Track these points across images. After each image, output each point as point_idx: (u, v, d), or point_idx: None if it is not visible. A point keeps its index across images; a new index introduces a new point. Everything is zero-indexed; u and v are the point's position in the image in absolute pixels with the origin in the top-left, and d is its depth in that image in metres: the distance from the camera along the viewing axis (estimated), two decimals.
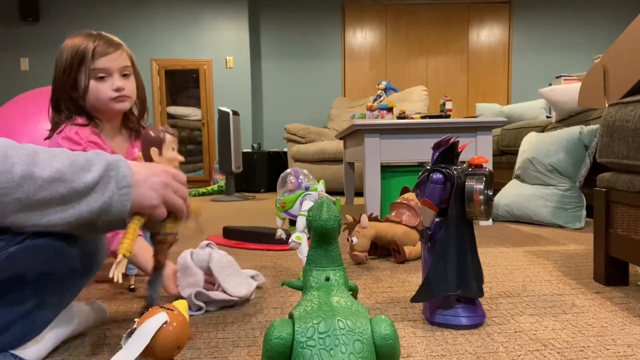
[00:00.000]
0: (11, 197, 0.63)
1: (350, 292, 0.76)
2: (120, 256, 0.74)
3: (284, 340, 0.62)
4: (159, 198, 0.75)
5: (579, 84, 1.65)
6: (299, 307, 0.68)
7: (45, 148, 0.68)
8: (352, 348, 0.61)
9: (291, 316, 0.67)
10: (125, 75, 1.24)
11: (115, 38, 1.26)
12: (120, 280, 0.74)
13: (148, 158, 0.85)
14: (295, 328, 0.63)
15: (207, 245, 1.19)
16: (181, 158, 0.87)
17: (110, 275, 0.73)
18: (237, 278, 1.16)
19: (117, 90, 1.21)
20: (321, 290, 0.71)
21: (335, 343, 0.61)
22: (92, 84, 1.21)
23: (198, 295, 1.09)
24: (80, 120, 1.23)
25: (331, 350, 0.60)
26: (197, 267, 1.15)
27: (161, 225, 0.82)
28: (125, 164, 0.73)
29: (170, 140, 0.86)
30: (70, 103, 1.23)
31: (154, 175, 0.75)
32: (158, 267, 0.87)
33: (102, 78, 1.21)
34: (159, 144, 0.85)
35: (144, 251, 1.12)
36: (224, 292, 1.12)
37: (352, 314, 0.64)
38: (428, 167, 1.02)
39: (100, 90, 1.21)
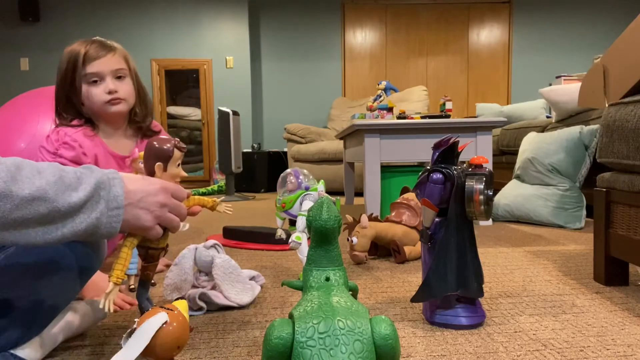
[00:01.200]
0: None
1: (350, 292, 0.76)
2: (111, 285, 0.71)
3: (284, 340, 0.62)
4: (153, 220, 0.72)
5: (579, 84, 1.65)
6: (299, 307, 0.68)
7: (33, 163, 0.63)
8: (352, 348, 0.61)
9: (291, 316, 0.67)
10: (119, 78, 1.24)
11: (110, 42, 1.24)
12: (112, 311, 0.71)
13: (150, 171, 0.80)
14: (295, 328, 0.63)
15: (212, 245, 1.16)
16: (185, 174, 0.83)
17: (101, 307, 0.70)
18: (240, 285, 1.15)
19: (110, 92, 1.21)
20: (321, 290, 0.71)
21: (335, 343, 0.61)
22: (86, 88, 1.21)
23: (202, 295, 1.09)
24: (75, 122, 1.23)
25: (331, 350, 0.60)
26: (199, 266, 1.15)
27: (154, 241, 0.79)
28: (119, 182, 0.68)
29: (178, 156, 0.81)
30: (69, 107, 1.23)
31: (151, 195, 0.71)
32: (147, 280, 0.83)
33: (95, 82, 1.21)
34: (166, 159, 0.80)
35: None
36: (227, 298, 1.11)
37: (352, 314, 0.64)
38: (428, 167, 1.02)
39: (94, 94, 1.21)
